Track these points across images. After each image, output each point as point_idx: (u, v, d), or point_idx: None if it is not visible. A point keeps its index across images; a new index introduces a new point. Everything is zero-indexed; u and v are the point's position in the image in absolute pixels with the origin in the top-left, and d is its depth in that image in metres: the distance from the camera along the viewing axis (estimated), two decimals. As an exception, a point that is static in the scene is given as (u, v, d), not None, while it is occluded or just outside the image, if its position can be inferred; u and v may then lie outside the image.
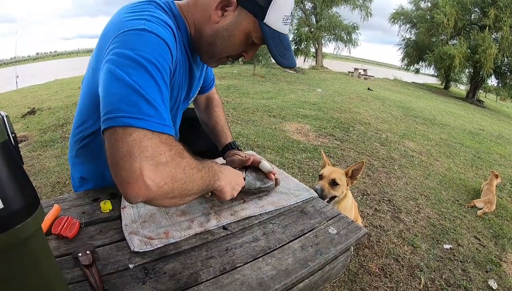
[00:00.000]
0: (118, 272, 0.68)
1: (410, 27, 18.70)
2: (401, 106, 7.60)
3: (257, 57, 10.36)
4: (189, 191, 0.66)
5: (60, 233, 0.79)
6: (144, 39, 0.65)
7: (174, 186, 0.61)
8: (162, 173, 0.58)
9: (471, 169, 3.83)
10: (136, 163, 0.56)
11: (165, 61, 0.68)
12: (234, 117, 4.62)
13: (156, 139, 0.59)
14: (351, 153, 3.66)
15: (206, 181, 0.72)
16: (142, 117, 0.58)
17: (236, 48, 0.84)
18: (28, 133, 3.72)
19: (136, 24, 0.67)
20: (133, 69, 0.61)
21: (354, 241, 0.84)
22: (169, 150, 0.61)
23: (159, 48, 0.67)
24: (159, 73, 0.65)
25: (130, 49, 0.63)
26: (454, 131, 5.78)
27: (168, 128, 0.63)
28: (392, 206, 2.55)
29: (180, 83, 0.91)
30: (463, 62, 14.15)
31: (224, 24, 0.79)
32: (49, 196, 2.31)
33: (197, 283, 0.65)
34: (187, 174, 0.64)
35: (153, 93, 0.62)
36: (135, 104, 0.59)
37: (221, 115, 1.28)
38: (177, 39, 0.77)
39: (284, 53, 0.82)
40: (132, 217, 0.89)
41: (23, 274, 0.42)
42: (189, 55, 0.89)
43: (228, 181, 0.83)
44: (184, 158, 0.65)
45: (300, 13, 19.75)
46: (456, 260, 1.96)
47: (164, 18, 0.74)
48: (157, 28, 0.68)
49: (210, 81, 1.30)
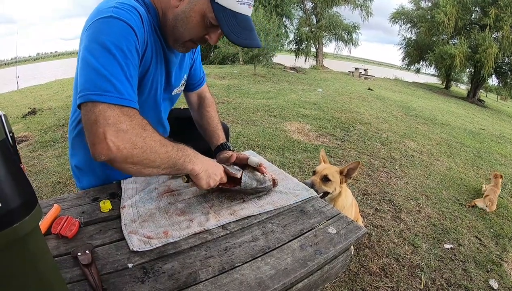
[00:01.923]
0: (117, 272, 0.68)
1: (411, 26, 18.70)
2: (402, 106, 7.59)
3: (258, 57, 10.36)
4: (151, 161, 0.74)
5: (60, 233, 0.79)
6: (110, 25, 0.75)
7: (134, 152, 0.70)
8: (122, 138, 0.69)
9: (471, 169, 3.82)
10: (101, 129, 0.67)
11: (129, 42, 0.76)
12: (234, 117, 4.61)
13: (118, 111, 0.70)
14: (352, 152, 3.65)
15: (173, 158, 0.78)
16: (103, 93, 0.69)
17: (196, 30, 0.88)
18: (29, 134, 3.72)
19: (105, 12, 0.76)
20: (99, 52, 0.72)
21: (354, 240, 0.84)
22: (130, 120, 0.71)
23: (123, 31, 0.75)
24: (123, 53, 0.74)
25: (98, 36, 0.74)
26: (454, 131, 5.77)
27: (128, 101, 0.73)
28: (393, 206, 2.55)
29: (156, 65, 0.96)
30: (464, 61, 14.14)
31: (182, 8, 0.85)
32: (50, 196, 2.31)
33: (196, 283, 0.65)
34: (148, 144, 0.72)
35: (114, 72, 0.72)
36: (97, 84, 0.70)
37: (214, 116, 1.29)
38: (144, 22, 0.83)
39: (239, 32, 0.84)
40: (131, 216, 0.89)
41: (20, 272, 0.42)
42: (161, 39, 0.95)
43: (204, 168, 0.87)
44: (146, 130, 0.74)
45: (301, 13, 19.76)
46: (457, 260, 1.95)
47: (132, 4, 0.81)
48: (122, 13, 0.76)
49: (200, 78, 1.32)
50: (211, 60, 17.49)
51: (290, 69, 13.84)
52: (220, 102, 5.58)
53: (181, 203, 0.97)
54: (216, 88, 7.13)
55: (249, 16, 0.88)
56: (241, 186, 0.97)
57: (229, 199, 1.01)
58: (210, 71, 10.83)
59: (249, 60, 11.28)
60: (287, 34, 18.93)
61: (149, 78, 0.97)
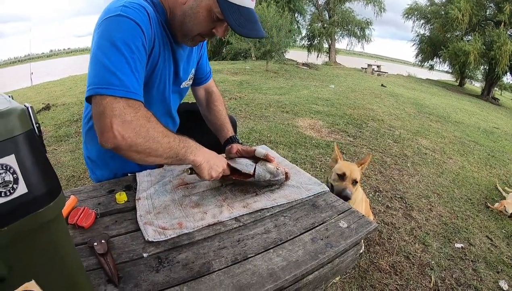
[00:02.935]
0: (133, 261, 0.70)
1: (424, 22, 18.32)
2: (415, 103, 7.47)
3: (270, 53, 10.32)
4: (153, 150, 0.79)
5: (77, 223, 0.82)
6: (118, 23, 0.80)
7: (137, 141, 0.75)
8: (127, 128, 0.74)
9: (484, 168, 3.75)
10: (108, 119, 0.73)
11: (136, 39, 0.81)
12: (247, 113, 4.62)
13: (124, 103, 0.75)
14: (364, 149, 3.62)
15: (174, 148, 0.83)
16: (110, 87, 0.75)
17: (204, 25, 0.93)
18: (43, 129, 3.79)
19: (115, 10, 0.81)
20: (107, 48, 0.77)
21: (364, 235, 0.84)
22: (135, 112, 0.76)
23: (130, 29, 0.80)
24: (129, 49, 0.79)
25: (107, 33, 0.79)
26: (468, 129, 5.66)
27: (133, 94, 0.78)
28: (404, 204, 2.52)
29: (164, 60, 1.01)
30: (478, 58, 13.81)
31: (189, 4, 0.90)
32: (64, 189, 2.32)
33: (209, 272, 0.67)
34: (151, 135, 0.78)
35: (121, 67, 0.77)
36: (105, 78, 0.75)
37: (222, 110, 1.32)
38: (152, 20, 0.88)
39: (244, 24, 0.88)
40: (146, 208, 0.91)
41: (43, 257, 0.44)
42: (168, 35, 0.99)
43: (205, 159, 0.90)
44: (150, 121, 0.79)
45: (313, 9, 19.58)
46: (467, 260, 1.93)
47: (141, 3, 0.86)
48: (131, 12, 0.81)
49: (207, 72, 1.35)
50: (224, 56, 17.48)
51: (302, 65, 13.75)
52: (233, 98, 5.59)
53: (195, 196, 0.99)
54: (229, 84, 7.14)
55: (252, 8, 0.93)
56: (255, 178, 0.98)
57: (243, 192, 1.03)
58: (222, 67, 10.83)
59: (262, 56, 11.24)
60: (299, 30, 18.81)
61: (158, 72, 1.01)
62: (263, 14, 9.85)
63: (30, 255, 0.42)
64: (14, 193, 0.38)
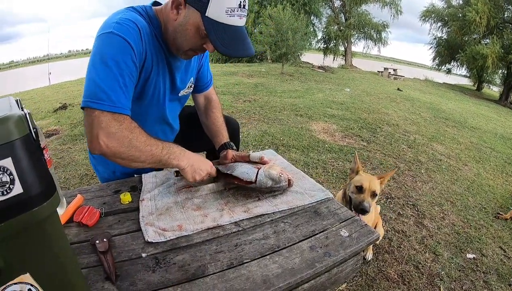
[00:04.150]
0: (131, 260, 0.72)
1: (442, 25, 17.93)
2: (431, 107, 7.31)
3: (286, 56, 10.31)
4: (136, 158, 0.87)
5: (81, 221, 0.85)
6: (110, 41, 0.86)
7: (121, 150, 0.84)
8: (112, 139, 0.83)
9: (501, 176, 3.63)
10: (95, 130, 0.82)
11: (125, 56, 0.87)
12: (260, 116, 4.62)
13: (109, 117, 0.83)
14: (377, 154, 3.57)
15: (156, 155, 0.90)
16: (98, 101, 0.83)
17: (194, 41, 0.95)
18: (59, 128, 3.91)
19: (109, 27, 0.87)
20: (98, 64, 0.85)
21: (366, 245, 0.83)
22: (119, 124, 0.84)
23: (120, 46, 0.86)
24: (118, 66, 0.85)
25: (99, 50, 0.87)
26: (485, 135, 5.49)
27: (118, 108, 0.85)
28: (416, 211, 2.47)
29: (158, 71, 1.04)
30: (496, 62, 13.42)
31: (179, 21, 0.93)
32: (77, 187, 2.43)
33: (204, 276, 0.67)
34: (133, 144, 0.86)
35: (109, 83, 0.84)
36: (94, 93, 0.83)
37: (219, 117, 1.34)
38: (144, 35, 0.93)
39: (229, 43, 0.89)
40: (149, 209, 0.93)
41: (38, 252, 0.46)
42: (163, 46, 1.03)
43: (189, 163, 0.97)
44: (133, 133, 0.86)
45: (329, 11, 19.46)
46: (479, 271, 1.87)
47: (133, 18, 0.91)
48: (122, 29, 0.87)
49: (207, 81, 1.38)
50: (239, 58, 17.60)
51: (318, 68, 13.66)
52: (247, 101, 5.61)
53: (197, 199, 1.00)
54: (244, 87, 7.17)
55: (241, 26, 0.93)
56: (257, 185, 0.99)
57: (245, 196, 1.03)
58: (238, 69, 10.89)
59: (277, 59, 11.23)
60: (315, 32, 18.71)
61: (151, 83, 1.05)
62: (278, 17, 9.84)
63: (25, 250, 0.45)
64: (10, 192, 0.41)
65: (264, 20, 10.82)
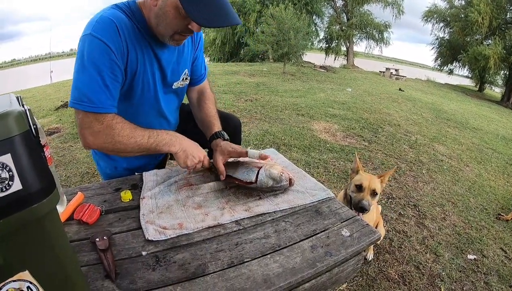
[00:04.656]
0: (131, 258, 0.72)
1: (444, 26, 17.85)
2: (433, 108, 7.29)
3: (287, 56, 10.30)
4: (122, 149, 0.96)
5: (81, 219, 0.84)
6: (88, 43, 0.90)
7: (105, 145, 0.94)
8: (96, 137, 0.93)
9: (502, 177, 3.62)
10: (82, 130, 0.93)
11: (103, 57, 0.90)
12: (262, 115, 4.62)
13: (92, 117, 0.92)
14: (379, 154, 3.56)
15: (143, 145, 0.97)
16: (80, 103, 0.90)
17: (176, 22, 0.93)
18: (60, 126, 3.91)
19: (88, 27, 0.91)
20: (79, 67, 0.91)
21: (367, 244, 0.82)
22: (100, 123, 0.92)
23: (98, 48, 0.89)
24: (97, 68, 0.90)
25: (80, 53, 0.91)
26: (486, 136, 5.47)
27: (99, 108, 0.91)
28: (417, 211, 2.46)
29: (144, 64, 1.04)
30: (498, 63, 13.36)
31: (159, 6, 0.92)
32: (78, 184, 2.43)
33: (204, 274, 0.67)
34: (116, 140, 0.94)
35: (89, 85, 0.90)
36: (76, 95, 0.91)
37: (211, 108, 1.30)
38: (122, 31, 0.93)
39: (209, 16, 0.87)
40: (150, 207, 0.92)
41: (37, 249, 0.46)
42: (147, 39, 1.02)
43: (182, 148, 1.01)
44: (114, 129, 0.93)
45: (331, 11, 19.40)
46: (480, 272, 1.86)
47: (113, 16, 0.93)
48: (99, 30, 0.90)
49: (201, 74, 1.34)
50: (241, 57, 17.55)
51: (320, 68, 13.63)
52: (249, 100, 5.61)
53: (198, 197, 0.99)
54: (245, 86, 7.16)
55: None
56: (257, 184, 0.98)
57: (246, 195, 1.02)
58: (239, 68, 10.88)
59: (279, 58, 11.20)
60: (317, 32, 18.66)
61: (139, 77, 1.05)
62: (280, 16, 9.82)
63: (24, 247, 0.44)
64: (9, 189, 0.40)
65: (266, 20, 10.79)
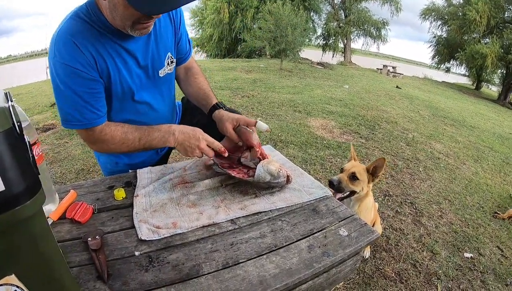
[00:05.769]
0: (124, 258, 0.70)
1: (442, 24, 17.87)
2: (430, 106, 7.30)
3: (285, 52, 10.27)
4: (118, 150, 1.07)
5: (74, 218, 0.82)
6: (56, 69, 0.92)
7: (104, 150, 1.09)
8: (96, 146, 1.08)
9: (498, 175, 3.63)
10: (85, 142, 1.10)
11: (73, 78, 0.92)
12: (259, 111, 4.61)
13: (84, 133, 1.03)
14: (376, 151, 3.56)
15: (136, 147, 1.05)
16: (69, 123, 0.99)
17: (129, 13, 0.88)
18: (56, 122, 3.87)
19: (51, 51, 0.92)
20: (56, 90, 0.96)
21: (365, 244, 0.81)
22: (93, 136, 1.02)
23: (65, 72, 0.91)
24: (71, 90, 0.94)
25: (52, 76, 0.94)
26: (483, 135, 5.49)
27: (85, 125, 0.99)
28: (414, 209, 2.46)
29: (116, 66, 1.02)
30: (496, 62, 13.44)
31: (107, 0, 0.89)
32: (73, 182, 2.40)
33: (198, 276, 0.65)
34: (111, 148, 1.05)
35: (71, 106, 0.96)
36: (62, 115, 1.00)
37: (203, 82, 1.28)
38: (82, 44, 0.92)
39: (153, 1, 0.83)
40: (143, 205, 0.90)
41: (23, 252, 0.44)
42: (109, 37, 0.98)
43: (178, 142, 1.04)
44: (104, 141, 1.03)
45: (329, 8, 19.35)
46: (476, 270, 1.86)
47: (68, 30, 0.91)
48: (61, 53, 0.90)
49: (186, 52, 1.29)
50: (238, 53, 17.50)
51: (317, 65, 13.62)
52: (246, 96, 5.59)
53: (193, 195, 0.97)
54: (242, 82, 7.13)
55: None
56: (254, 179, 0.96)
57: (242, 193, 1.00)
58: (236, 64, 10.85)
59: (276, 55, 11.17)
60: (314, 29, 18.62)
61: (116, 81, 1.03)
62: (277, 12, 9.79)
63: (10, 251, 0.42)
64: None
65: (263, 16, 10.76)
